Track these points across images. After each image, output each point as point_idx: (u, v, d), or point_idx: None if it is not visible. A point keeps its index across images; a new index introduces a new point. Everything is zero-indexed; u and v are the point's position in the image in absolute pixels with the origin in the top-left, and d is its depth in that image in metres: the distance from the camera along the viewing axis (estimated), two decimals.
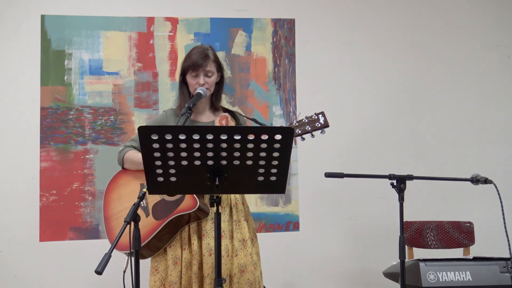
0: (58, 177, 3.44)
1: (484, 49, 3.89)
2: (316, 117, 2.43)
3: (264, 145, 1.92)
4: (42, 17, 3.49)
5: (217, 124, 2.53)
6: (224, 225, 2.42)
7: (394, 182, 2.41)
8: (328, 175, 2.46)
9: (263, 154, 1.94)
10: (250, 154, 1.93)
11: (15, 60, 3.46)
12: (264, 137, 1.90)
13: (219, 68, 2.55)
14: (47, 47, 3.49)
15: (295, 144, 3.61)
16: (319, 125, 2.43)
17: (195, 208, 2.34)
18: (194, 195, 2.36)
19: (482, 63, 3.89)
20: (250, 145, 1.91)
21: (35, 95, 3.46)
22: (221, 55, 3.64)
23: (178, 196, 2.40)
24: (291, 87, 3.72)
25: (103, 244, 2.52)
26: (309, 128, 2.42)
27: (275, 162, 1.96)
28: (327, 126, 2.43)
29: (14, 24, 3.46)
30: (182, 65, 2.53)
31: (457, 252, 3.28)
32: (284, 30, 3.74)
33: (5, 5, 3.47)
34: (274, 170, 1.98)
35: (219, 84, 2.58)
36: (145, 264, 2.46)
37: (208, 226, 2.42)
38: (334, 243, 3.67)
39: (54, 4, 3.50)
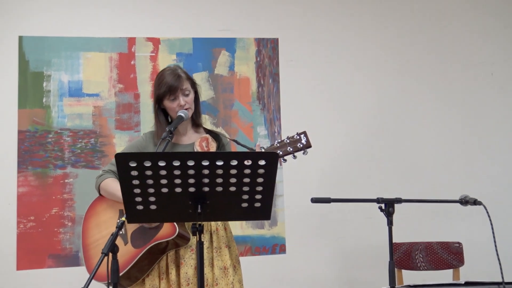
0: (36, 202, 3.33)
1: (468, 66, 3.89)
2: (298, 137, 2.36)
3: (247, 171, 1.85)
4: (20, 38, 3.41)
5: (197, 146, 2.46)
6: (204, 252, 2.33)
7: (383, 206, 2.35)
8: (315, 200, 2.39)
9: (246, 180, 1.87)
10: (233, 180, 1.87)
11: None
12: (248, 162, 1.84)
13: (193, 85, 2.49)
14: (25, 68, 3.40)
15: (280, 165, 3.54)
16: (301, 145, 2.35)
17: (175, 235, 2.26)
18: None
19: (466, 80, 3.88)
20: (233, 171, 1.85)
21: (13, 118, 3.36)
22: (204, 75, 3.58)
23: (157, 223, 2.31)
24: (275, 107, 3.67)
25: (84, 272, 2.43)
26: (291, 149, 2.35)
27: (259, 188, 1.90)
28: (309, 146, 2.36)
29: None
30: (157, 92, 2.44)
31: (447, 274, 3.23)
32: (267, 50, 3.70)
33: None
34: (258, 196, 1.92)
35: (196, 101, 2.51)
36: None
37: (187, 254, 2.33)
38: (321, 266, 3.59)
39: (32, 25, 3.43)
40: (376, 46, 3.81)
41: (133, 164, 1.80)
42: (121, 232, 2.33)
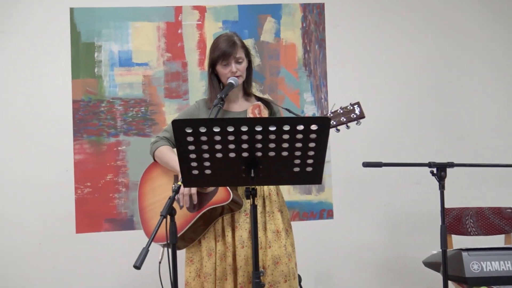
0: (92, 169, 3.47)
1: None
2: (351, 107, 2.37)
3: (299, 136, 1.87)
4: (71, 10, 3.50)
5: (249, 113, 2.49)
6: (257, 216, 2.39)
7: (434, 170, 2.33)
8: (366, 164, 2.40)
9: (299, 145, 1.89)
10: (285, 145, 1.89)
11: (46, 54, 3.47)
12: (300, 127, 1.86)
13: (247, 54, 2.52)
14: (76, 40, 3.50)
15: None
16: (355, 116, 2.36)
17: (229, 201, 2.31)
18: (228, 187, 2.34)
19: None
20: (286, 136, 1.87)
21: (67, 88, 3.48)
22: (250, 42, 3.59)
23: (211, 188, 2.38)
24: (321, 73, 3.65)
25: (138, 235, 2.54)
26: (344, 120, 2.37)
27: (311, 153, 1.92)
28: (363, 117, 2.37)
29: (44, 19, 3.48)
30: (211, 56, 2.48)
31: (498, 239, 3.19)
32: (313, 15, 3.66)
33: (35, 0, 3.48)
34: (310, 161, 1.94)
35: (249, 70, 2.55)
36: (180, 254, 2.45)
37: (241, 218, 2.40)
38: (369, 231, 3.61)
39: None
40: (422, 10, 3.70)
41: (189, 130, 1.85)
42: (176, 197, 2.42)
